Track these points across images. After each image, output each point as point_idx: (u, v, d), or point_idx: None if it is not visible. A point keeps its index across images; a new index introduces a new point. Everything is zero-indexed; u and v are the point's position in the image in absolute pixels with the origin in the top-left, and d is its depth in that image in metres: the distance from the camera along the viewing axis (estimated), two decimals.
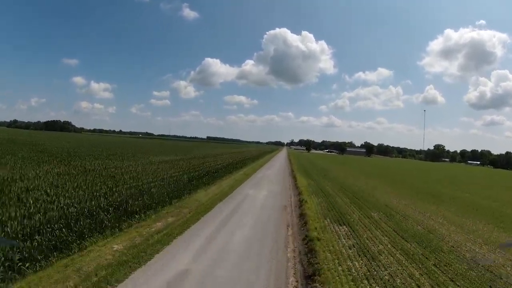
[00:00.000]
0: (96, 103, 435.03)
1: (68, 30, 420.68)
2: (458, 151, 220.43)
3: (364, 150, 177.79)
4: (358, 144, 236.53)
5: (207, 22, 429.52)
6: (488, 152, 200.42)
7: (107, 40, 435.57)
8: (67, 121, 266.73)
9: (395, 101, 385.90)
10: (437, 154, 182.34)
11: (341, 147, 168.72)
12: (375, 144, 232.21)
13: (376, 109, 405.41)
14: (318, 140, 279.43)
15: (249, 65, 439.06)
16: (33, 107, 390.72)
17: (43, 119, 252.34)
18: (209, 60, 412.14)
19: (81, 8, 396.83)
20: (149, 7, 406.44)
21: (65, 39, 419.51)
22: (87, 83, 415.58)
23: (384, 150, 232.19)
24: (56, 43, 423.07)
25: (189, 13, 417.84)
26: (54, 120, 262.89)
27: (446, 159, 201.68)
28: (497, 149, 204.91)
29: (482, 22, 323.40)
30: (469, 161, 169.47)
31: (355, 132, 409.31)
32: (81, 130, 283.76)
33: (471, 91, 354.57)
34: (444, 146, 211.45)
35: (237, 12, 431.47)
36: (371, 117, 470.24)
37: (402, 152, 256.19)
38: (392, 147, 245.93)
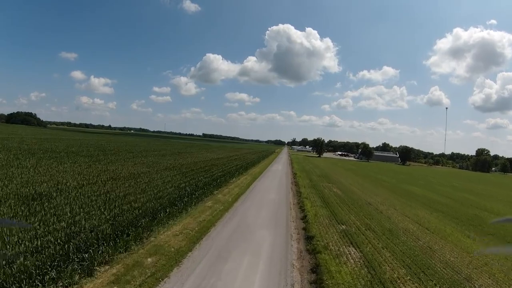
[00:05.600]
0: (96, 98, 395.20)
1: (65, 23, 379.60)
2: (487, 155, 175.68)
3: (397, 155, 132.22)
4: (372, 145, 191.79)
5: (209, 15, 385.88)
6: None
7: (106, 33, 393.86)
8: (30, 113, 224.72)
9: (399, 102, 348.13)
10: (488, 162, 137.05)
11: (367, 151, 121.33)
12: (374, 145, 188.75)
13: (379, 109, 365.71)
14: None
15: (251, 61, 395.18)
16: (34, 102, 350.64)
17: (41, 113, 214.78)
18: (210, 55, 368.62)
19: (78, 1, 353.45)
20: None
21: (62, 33, 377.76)
22: (87, 78, 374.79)
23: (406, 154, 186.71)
24: (54, 36, 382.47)
25: (189, 6, 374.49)
26: (17, 112, 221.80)
27: (493, 169, 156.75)
28: (499, 153, 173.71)
29: (493, 22, 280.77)
30: None
31: (357, 133, 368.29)
32: (47, 124, 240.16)
33: (476, 93, 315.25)
34: (489, 151, 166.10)
35: (239, 5, 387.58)
36: (373, 117, 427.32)
37: (425, 157, 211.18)
38: (418, 150, 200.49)
